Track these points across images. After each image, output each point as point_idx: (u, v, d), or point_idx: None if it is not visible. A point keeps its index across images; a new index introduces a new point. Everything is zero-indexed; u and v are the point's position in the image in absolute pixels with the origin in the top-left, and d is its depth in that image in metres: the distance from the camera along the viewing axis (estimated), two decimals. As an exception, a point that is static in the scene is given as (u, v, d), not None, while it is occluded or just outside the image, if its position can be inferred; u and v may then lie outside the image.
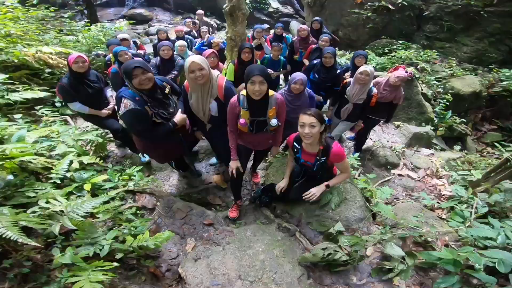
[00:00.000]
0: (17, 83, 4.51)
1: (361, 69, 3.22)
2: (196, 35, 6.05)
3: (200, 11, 7.05)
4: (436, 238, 2.47)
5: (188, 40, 5.30)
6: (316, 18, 5.16)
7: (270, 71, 3.81)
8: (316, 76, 3.74)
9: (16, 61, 4.79)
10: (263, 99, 2.22)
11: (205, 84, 2.40)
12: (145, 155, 3.60)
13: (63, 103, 4.51)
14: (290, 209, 2.83)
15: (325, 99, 4.01)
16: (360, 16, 8.10)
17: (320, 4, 8.99)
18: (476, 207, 2.81)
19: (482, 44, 7.58)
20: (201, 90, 2.44)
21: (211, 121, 2.66)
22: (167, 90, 2.47)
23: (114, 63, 3.73)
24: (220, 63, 3.70)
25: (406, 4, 7.66)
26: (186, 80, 2.50)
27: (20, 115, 3.63)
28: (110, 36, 7.21)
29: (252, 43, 4.49)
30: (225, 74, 3.62)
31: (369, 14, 7.94)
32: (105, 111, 3.37)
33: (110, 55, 4.08)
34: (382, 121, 4.05)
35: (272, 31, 5.78)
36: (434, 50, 7.23)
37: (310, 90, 3.10)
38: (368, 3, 7.97)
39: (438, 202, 3.35)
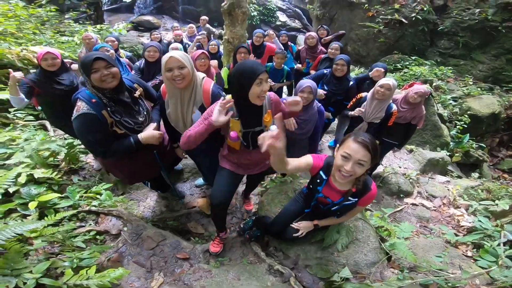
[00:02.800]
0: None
1: (382, 81, 2.66)
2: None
3: (204, 17, 6.67)
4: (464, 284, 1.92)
5: (187, 45, 4.82)
6: (321, 25, 4.72)
7: (271, 82, 3.23)
8: (326, 88, 3.16)
9: None
10: None
11: (186, 89, 1.83)
12: None
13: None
14: (286, 247, 2.22)
15: (334, 115, 3.42)
16: (371, 30, 7.68)
17: (330, 17, 8.67)
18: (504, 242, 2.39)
19: (498, 61, 7.07)
20: (181, 96, 1.86)
21: None
22: (137, 94, 1.88)
23: None
24: (212, 68, 3.08)
25: (420, 18, 7.22)
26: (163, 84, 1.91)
27: None
28: (106, 41, 6.89)
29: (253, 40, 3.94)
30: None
31: (381, 27, 7.50)
32: None
33: None
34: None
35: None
36: (449, 68, 6.74)
37: (319, 104, 2.48)
38: (380, 16, 7.55)
39: (458, 235, 2.88)
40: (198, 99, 1.89)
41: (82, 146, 3.22)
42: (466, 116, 5.27)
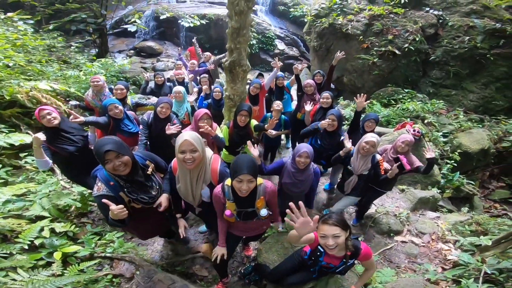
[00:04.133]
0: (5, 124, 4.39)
1: (367, 137, 2.93)
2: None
3: (207, 53, 7.01)
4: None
5: (187, 84, 5.19)
6: (318, 70, 5.02)
7: (271, 132, 3.62)
8: (318, 142, 3.47)
9: (8, 98, 4.68)
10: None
11: (195, 169, 2.08)
12: None
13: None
14: (282, 292, 2.55)
15: (325, 167, 3.76)
16: (366, 62, 8.07)
17: (326, 49, 9.06)
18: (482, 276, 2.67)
19: (488, 90, 7.49)
20: (191, 174, 2.12)
21: (202, 205, 2.36)
22: (149, 171, 2.13)
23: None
24: (214, 124, 3.31)
25: (412, 48, 7.66)
26: (174, 159, 2.21)
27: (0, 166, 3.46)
28: (112, 73, 7.30)
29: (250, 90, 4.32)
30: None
31: (375, 60, 7.90)
32: None
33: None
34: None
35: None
36: (440, 101, 7.11)
37: (316, 166, 2.77)
38: (375, 48, 7.99)
39: (443, 272, 3.18)
40: (207, 177, 2.17)
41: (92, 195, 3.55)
42: (457, 153, 5.57)
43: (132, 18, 9.14)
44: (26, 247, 2.36)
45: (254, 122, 3.46)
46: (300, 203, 1.61)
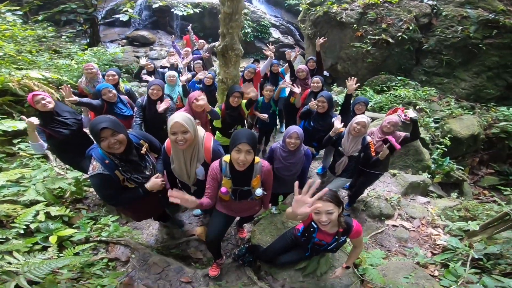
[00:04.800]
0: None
1: (357, 118, 2.96)
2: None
3: (201, 41, 6.95)
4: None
5: (181, 70, 5.18)
6: (311, 56, 5.07)
7: (264, 115, 3.67)
8: (312, 124, 3.52)
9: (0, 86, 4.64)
10: (247, 167, 1.97)
11: (189, 148, 2.12)
12: None
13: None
14: (275, 272, 2.60)
15: (317, 149, 3.82)
16: (359, 50, 8.05)
17: (320, 36, 8.92)
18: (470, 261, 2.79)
19: (480, 79, 7.57)
20: (184, 155, 2.17)
21: (197, 184, 2.38)
22: (143, 150, 2.17)
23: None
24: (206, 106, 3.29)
25: (406, 37, 7.66)
26: (167, 140, 2.22)
27: None
28: (104, 61, 7.19)
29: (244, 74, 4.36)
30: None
31: (368, 48, 7.89)
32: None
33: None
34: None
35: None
36: (432, 88, 7.17)
37: (307, 148, 2.78)
38: (368, 36, 7.98)
39: (432, 255, 3.29)
40: (201, 156, 2.22)
41: (87, 180, 3.56)
42: (447, 139, 5.67)
43: (124, 8, 8.93)
44: (22, 231, 2.37)
45: (245, 102, 3.52)
46: (296, 183, 1.62)
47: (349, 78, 3.52)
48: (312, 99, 3.84)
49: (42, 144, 2.67)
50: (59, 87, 5.89)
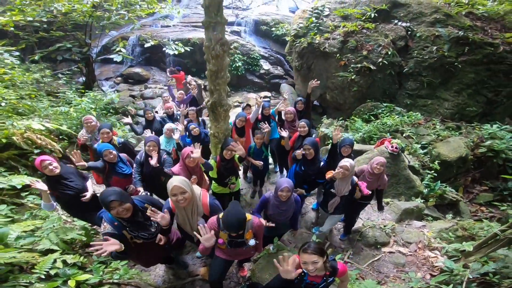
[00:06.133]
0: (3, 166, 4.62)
1: (341, 163, 3.25)
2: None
3: (193, 83, 7.22)
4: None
5: (178, 117, 5.42)
6: (300, 98, 5.26)
7: (259, 163, 4.00)
8: (303, 168, 3.76)
9: (4, 141, 4.88)
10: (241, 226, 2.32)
11: (188, 205, 2.49)
12: None
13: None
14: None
15: (307, 191, 4.04)
16: (345, 79, 8.38)
17: (307, 67, 9.39)
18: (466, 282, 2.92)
19: (461, 97, 7.92)
20: (186, 211, 2.54)
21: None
22: (148, 212, 2.42)
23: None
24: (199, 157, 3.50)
25: (386, 62, 8.04)
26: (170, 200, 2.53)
27: (5, 206, 3.70)
28: (101, 108, 7.48)
29: (236, 122, 4.59)
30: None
31: (353, 77, 8.22)
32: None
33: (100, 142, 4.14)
34: (370, 204, 4.05)
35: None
36: (417, 113, 7.44)
37: (296, 195, 3.14)
38: (352, 65, 8.33)
39: (431, 278, 3.44)
40: (200, 210, 2.60)
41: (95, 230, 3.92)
42: (436, 163, 5.83)
43: (117, 47, 9.37)
44: (43, 276, 2.65)
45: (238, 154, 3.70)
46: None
47: (335, 128, 3.83)
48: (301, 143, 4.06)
49: (53, 204, 3.08)
50: (60, 137, 6.17)
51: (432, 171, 5.72)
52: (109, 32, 13.00)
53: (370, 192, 3.42)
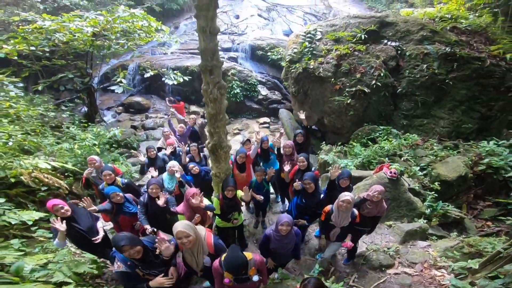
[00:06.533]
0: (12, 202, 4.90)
1: (342, 197, 3.43)
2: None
3: (193, 116, 7.39)
4: None
5: (181, 153, 5.59)
6: (299, 131, 5.48)
7: (259, 197, 4.19)
8: (303, 201, 3.97)
9: (12, 180, 5.15)
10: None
11: (194, 246, 2.76)
12: None
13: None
14: None
15: (309, 222, 4.24)
16: (341, 103, 8.55)
17: (304, 93, 9.60)
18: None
19: (456, 114, 8.00)
20: (191, 250, 2.81)
21: (204, 270, 2.99)
22: (157, 251, 2.78)
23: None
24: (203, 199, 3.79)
25: (379, 84, 8.16)
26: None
27: (17, 240, 3.97)
28: (104, 143, 7.73)
29: (237, 159, 4.80)
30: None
31: (348, 101, 8.39)
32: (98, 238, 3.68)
33: (104, 183, 4.45)
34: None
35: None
36: (414, 134, 7.57)
37: (296, 228, 3.36)
38: (346, 89, 8.49)
39: None
40: (205, 249, 2.87)
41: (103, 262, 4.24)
42: (437, 184, 5.95)
43: (118, 77, 9.69)
44: None
45: (240, 193, 3.98)
46: None
47: (333, 166, 4.08)
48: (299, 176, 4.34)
49: (65, 242, 3.49)
50: (66, 173, 6.37)
51: (433, 192, 5.82)
52: (109, 61, 13.55)
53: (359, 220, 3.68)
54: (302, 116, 5.06)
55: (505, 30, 8.85)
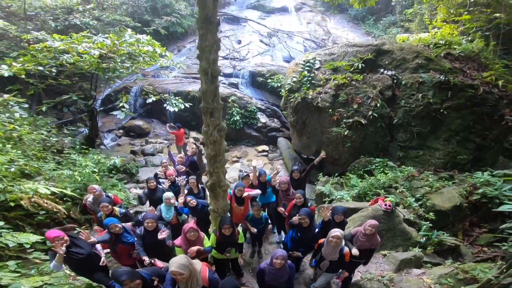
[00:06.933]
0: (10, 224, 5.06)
1: (332, 233, 3.69)
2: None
3: (194, 148, 7.67)
4: None
5: (179, 184, 5.81)
6: (295, 167, 5.78)
7: (253, 230, 4.45)
8: (299, 234, 4.20)
9: (12, 204, 5.34)
10: None
11: (188, 280, 2.93)
12: None
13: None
14: None
15: (304, 254, 4.47)
16: (338, 134, 8.71)
17: (302, 122, 9.81)
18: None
19: (451, 145, 8.12)
20: (186, 283, 2.95)
21: None
22: (155, 283, 3.04)
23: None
24: (200, 234, 4.04)
25: (376, 115, 8.34)
26: None
27: (13, 262, 4.15)
28: (103, 170, 7.94)
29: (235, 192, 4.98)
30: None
31: (345, 133, 8.55)
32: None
33: (102, 212, 4.69)
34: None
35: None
36: (410, 167, 7.71)
37: (290, 262, 3.55)
38: (344, 120, 8.69)
39: None
40: (200, 283, 3.00)
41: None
42: (432, 214, 6.10)
43: (120, 101, 9.97)
44: None
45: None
46: None
47: (323, 207, 4.41)
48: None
49: (62, 266, 3.64)
50: (64, 199, 6.52)
51: (428, 222, 5.96)
52: (113, 83, 13.95)
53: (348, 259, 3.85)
54: (322, 155, 5.34)
55: (497, 54, 9.21)
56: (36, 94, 10.86)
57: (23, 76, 8.47)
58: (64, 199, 6.56)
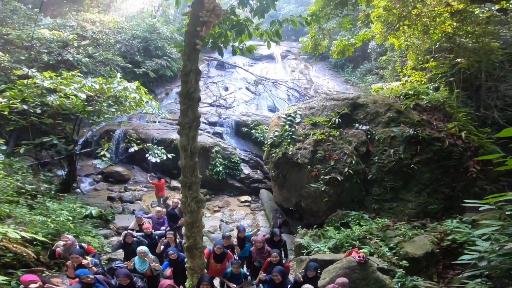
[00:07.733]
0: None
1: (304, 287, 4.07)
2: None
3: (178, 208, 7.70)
4: None
5: (156, 237, 6.00)
6: (275, 229, 6.32)
7: (232, 285, 4.75)
8: None
9: None
10: None
11: None
12: None
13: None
14: None
15: None
16: (316, 189, 9.18)
17: (283, 176, 10.28)
18: None
19: (422, 197, 8.70)
20: None
21: None
22: None
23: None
24: None
25: (351, 172, 8.93)
26: None
27: None
28: (78, 218, 7.99)
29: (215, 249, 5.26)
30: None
31: (323, 188, 9.07)
32: None
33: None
34: None
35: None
36: (384, 219, 8.17)
37: None
38: (321, 176, 9.18)
39: None
40: None
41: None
42: (405, 261, 6.43)
43: (102, 149, 10.07)
44: None
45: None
46: None
47: (298, 274, 4.78)
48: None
49: None
50: (34, 242, 6.41)
51: (401, 269, 6.24)
52: (96, 126, 13.91)
53: None
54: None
55: (459, 99, 9.99)
56: (15, 130, 10.82)
57: (6, 113, 8.56)
58: (34, 242, 6.47)
